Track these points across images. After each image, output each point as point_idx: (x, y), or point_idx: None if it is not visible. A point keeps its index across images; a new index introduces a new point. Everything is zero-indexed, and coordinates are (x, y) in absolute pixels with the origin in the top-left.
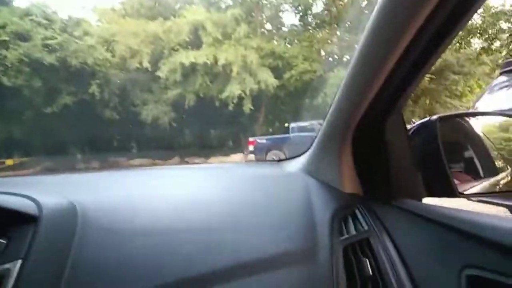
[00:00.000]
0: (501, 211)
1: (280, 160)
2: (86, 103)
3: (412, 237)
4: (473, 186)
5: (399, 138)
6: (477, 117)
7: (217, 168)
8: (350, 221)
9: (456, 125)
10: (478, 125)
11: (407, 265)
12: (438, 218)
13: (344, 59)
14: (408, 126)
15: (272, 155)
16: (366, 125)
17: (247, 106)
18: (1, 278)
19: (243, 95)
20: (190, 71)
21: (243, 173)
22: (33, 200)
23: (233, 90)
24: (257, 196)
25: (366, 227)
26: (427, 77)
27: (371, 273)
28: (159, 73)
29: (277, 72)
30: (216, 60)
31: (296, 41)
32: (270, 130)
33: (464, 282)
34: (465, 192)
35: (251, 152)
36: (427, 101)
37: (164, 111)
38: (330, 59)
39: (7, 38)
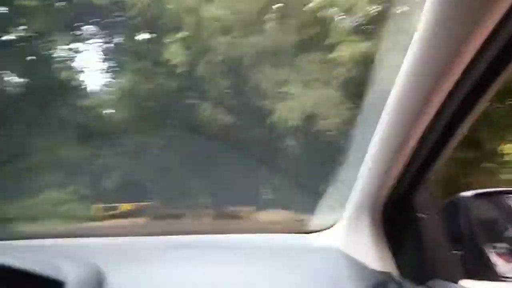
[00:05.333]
0: None
1: (308, 232)
2: None
3: None
4: None
5: (430, 214)
6: None
7: (239, 240)
8: None
9: (495, 202)
10: None
11: None
12: None
13: None
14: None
15: None
16: (395, 199)
17: None
18: None
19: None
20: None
21: (267, 246)
22: (60, 266)
23: None
24: (283, 273)
25: None
26: None
27: None
28: None
29: None
30: None
31: None
32: None
33: None
34: (508, 275)
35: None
36: None
37: None
38: None
39: None
